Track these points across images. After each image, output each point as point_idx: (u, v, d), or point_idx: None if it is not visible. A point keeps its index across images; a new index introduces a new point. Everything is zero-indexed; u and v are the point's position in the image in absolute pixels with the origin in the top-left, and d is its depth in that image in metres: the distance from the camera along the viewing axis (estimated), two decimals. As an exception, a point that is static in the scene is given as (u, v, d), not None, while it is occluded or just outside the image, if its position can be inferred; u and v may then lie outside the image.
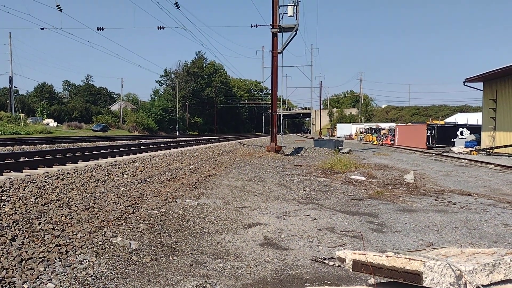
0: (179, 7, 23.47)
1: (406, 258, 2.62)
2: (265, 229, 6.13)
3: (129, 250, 4.78)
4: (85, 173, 9.02)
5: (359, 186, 10.70)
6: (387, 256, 2.72)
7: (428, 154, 26.52)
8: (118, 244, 4.90)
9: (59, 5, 23.79)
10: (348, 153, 23.12)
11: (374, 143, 46.22)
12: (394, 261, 2.65)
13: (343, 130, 74.37)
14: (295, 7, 21.41)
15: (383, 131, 48.76)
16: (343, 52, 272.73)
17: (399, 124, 53.70)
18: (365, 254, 2.80)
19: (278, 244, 5.38)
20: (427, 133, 33.30)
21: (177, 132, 78.17)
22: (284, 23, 22.01)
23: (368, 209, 7.87)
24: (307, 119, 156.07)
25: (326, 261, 4.68)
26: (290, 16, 21.51)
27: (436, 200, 8.90)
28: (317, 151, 24.95)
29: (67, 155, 12.55)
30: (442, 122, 34.99)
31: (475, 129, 30.69)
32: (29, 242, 4.57)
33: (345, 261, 2.94)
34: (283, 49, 22.33)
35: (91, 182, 8.30)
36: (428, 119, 47.21)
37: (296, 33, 21.80)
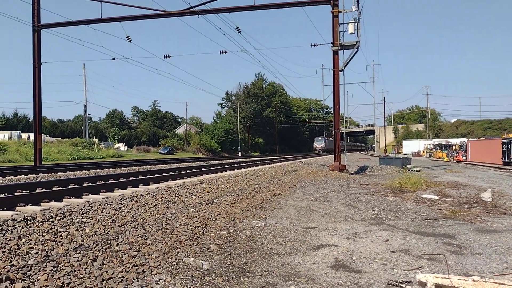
0: (240, 31, 24.12)
1: (495, 283, 2.45)
2: (335, 250, 5.99)
3: (202, 270, 4.86)
4: (156, 194, 9.38)
5: (432, 206, 10.19)
6: (473, 281, 2.56)
7: (505, 170, 24.78)
8: (191, 264, 5.01)
9: (128, 36, 25.35)
10: (417, 170, 22.18)
11: (445, 159, 44.03)
12: (481, 286, 2.48)
13: (410, 146, 71.58)
14: (355, 24, 21.23)
15: (454, 147, 46.38)
16: (406, 66, 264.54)
17: (471, 139, 50.82)
18: (449, 278, 2.65)
19: (350, 267, 5.23)
20: (502, 148, 31.18)
21: (239, 153, 79.32)
22: (345, 40, 21.88)
23: (444, 229, 7.46)
24: (371, 136, 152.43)
25: (403, 285, 4.46)
26: (351, 33, 21.34)
27: (519, 220, 8.25)
28: (383, 169, 24.19)
29: (139, 177, 13.14)
30: (520, 136, 32.64)
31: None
32: (108, 262, 4.80)
33: (426, 286, 2.80)
34: (345, 67, 22.12)
35: (163, 204, 8.61)
36: (503, 133, 44.25)
37: (357, 50, 21.59)
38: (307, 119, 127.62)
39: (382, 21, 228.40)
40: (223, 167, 21.09)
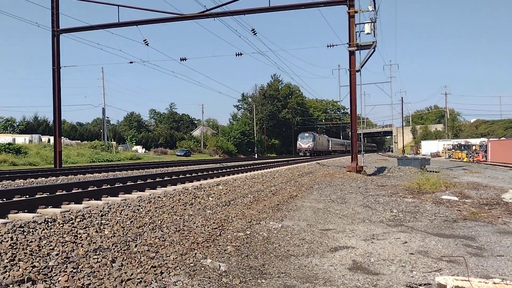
0: (256, 33, 24.13)
1: (518, 286, 2.40)
2: (353, 252, 5.95)
3: (219, 272, 4.88)
4: (174, 196, 9.45)
5: (452, 207, 10.03)
6: (494, 283, 2.52)
7: (527, 170, 24.24)
8: (208, 266, 5.04)
9: (145, 39, 25.62)
10: (436, 171, 21.87)
11: (464, 160, 43.30)
12: (504, 290, 2.44)
13: (429, 147, 70.60)
14: (372, 24, 21.05)
15: (474, 147, 45.57)
16: (424, 66, 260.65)
17: (491, 139, 49.84)
18: (469, 280, 2.61)
19: (368, 269, 5.19)
20: (524, 147, 30.52)
21: (256, 154, 79.38)
22: (361, 40, 21.71)
23: (463, 231, 7.34)
24: (388, 137, 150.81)
25: (422, 287, 4.41)
26: (367, 34, 21.17)
27: (542, 221, 8.07)
28: (401, 170, 23.92)
29: (156, 179, 13.27)
30: (542, 135, 31.89)
31: None
32: (127, 264, 4.86)
33: (446, 288, 2.76)
34: (361, 67, 21.97)
35: (180, 205, 8.67)
36: (525, 133, 43.31)
37: (374, 50, 21.39)
38: (323, 120, 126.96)
39: (400, 20, 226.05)
40: (239, 168, 21.14)
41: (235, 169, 20.78)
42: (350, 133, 23.17)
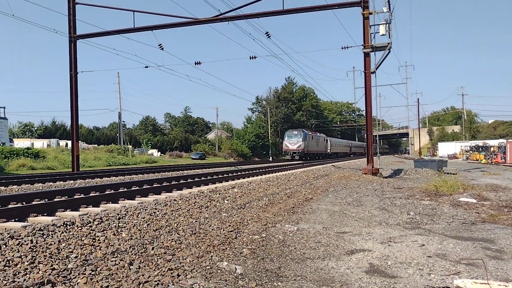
0: (270, 36, 24.16)
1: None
2: (370, 255, 5.91)
3: (235, 274, 4.89)
4: (189, 199, 9.51)
5: (470, 209, 9.88)
6: (516, 288, 2.48)
7: (548, 172, 23.74)
8: (224, 268, 5.06)
9: (160, 44, 25.88)
10: (453, 173, 21.57)
11: (482, 161, 42.61)
12: (525, 293, 2.40)
13: (446, 149, 69.76)
14: (387, 25, 20.91)
15: (492, 149, 44.86)
16: (441, 67, 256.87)
17: (510, 140, 48.98)
18: (488, 284, 2.58)
19: (385, 272, 5.14)
20: (545, 148, 29.91)
21: (270, 157, 79.33)
22: (376, 41, 21.57)
23: (482, 234, 7.22)
24: (404, 139, 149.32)
25: (440, 291, 4.36)
26: (382, 35, 21.02)
27: None
28: (418, 172, 23.66)
29: (172, 183, 13.37)
30: None
31: None
32: (144, 266, 4.90)
33: (465, 292, 2.73)
34: (376, 69, 21.82)
35: (196, 208, 8.73)
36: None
37: (389, 51, 21.23)
38: (338, 122, 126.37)
39: (415, 21, 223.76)
40: (254, 171, 21.16)
41: (250, 172, 20.82)
42: (365, 135, 23.02)
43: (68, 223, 6.19)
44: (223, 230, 7.00)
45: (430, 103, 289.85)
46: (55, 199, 9.19)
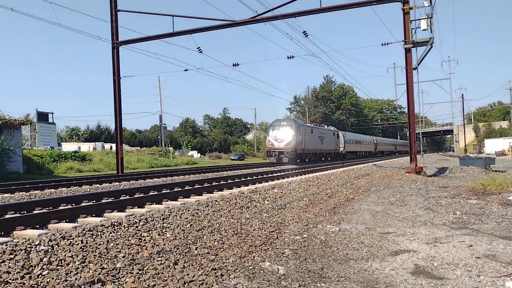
0: (307, 35, 24.00)
1: None
2: (415, 256, 5.77)
3: (278, 275, 4.91)
4: (230, 200, 9.61)
5: (521, 209, 9.44)
6: None
7: None
8: (266, 269, 5.08)
9: (199, 47, 26.28)
10: (502, 171, 20.64)
11: (534, 158, 40.53)
12: None
13: (493, 145, 66.89)
14: (428, 19, 20.30)
15: (544, 144, 42.56)
16: (486, 60, 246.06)
17: None
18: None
19: (431, 273, 5.01)
20: None
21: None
22: (417, 37, 20.98)
23: (536, 235, 6.89)
24: (449, 136, 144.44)
25: (492, 294, 4.20)
26: (424, 30, 20.42)
27: None
28: (464, 170, 22.83)
29: (213, 184, 13.55)
30: None
31: None
32: (189, 266, 5.01)
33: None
34: (418, 64, 21.22)
35: (237, 209, 8.81)
36: None
37: (431, 47, 20.60)
38: (379, 120, 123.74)
39: (458, 11, 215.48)
40: (294, 171, 21.09)
41: (290, 172, 20.76)
42: (408, 133, 22.45)
43: (115, 223, 6.41)
44: (264, 231, 7.04)
45: (476, 98, 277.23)
46: (102, 201, 9.53)
